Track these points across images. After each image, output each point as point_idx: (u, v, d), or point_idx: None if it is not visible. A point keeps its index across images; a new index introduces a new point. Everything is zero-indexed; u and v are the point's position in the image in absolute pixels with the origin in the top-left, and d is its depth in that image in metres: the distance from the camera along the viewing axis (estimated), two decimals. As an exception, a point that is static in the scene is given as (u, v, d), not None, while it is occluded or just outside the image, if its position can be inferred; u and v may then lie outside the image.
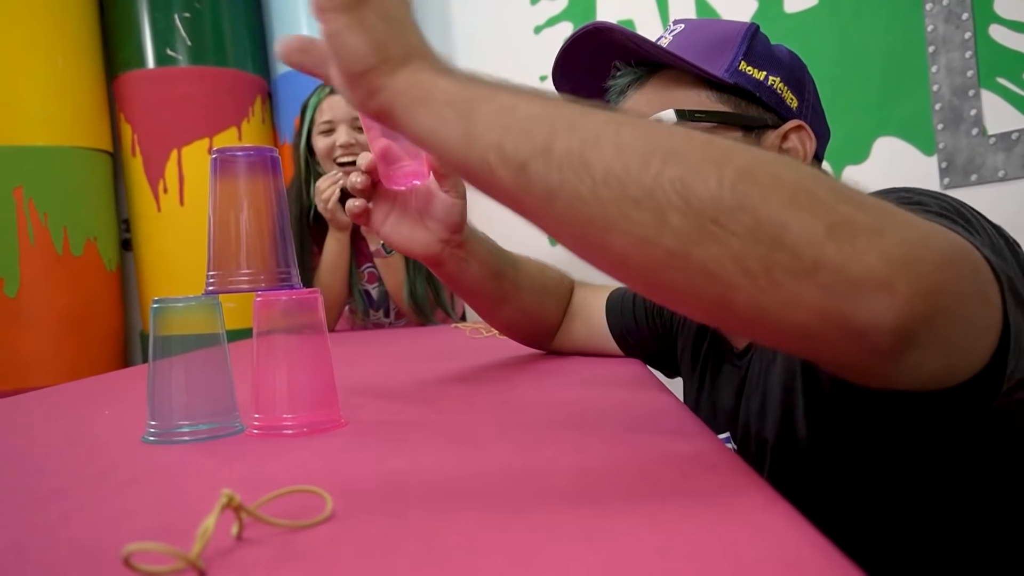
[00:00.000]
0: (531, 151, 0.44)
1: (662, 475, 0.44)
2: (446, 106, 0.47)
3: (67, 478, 0.54)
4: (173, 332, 0.67)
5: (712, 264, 0.40)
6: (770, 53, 0.81)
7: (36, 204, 2.23)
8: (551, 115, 0.45)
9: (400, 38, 0.50)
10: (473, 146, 0.46)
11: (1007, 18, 1.56)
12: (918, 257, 0.40)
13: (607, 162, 0.42)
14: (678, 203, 0.40)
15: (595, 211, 0.42)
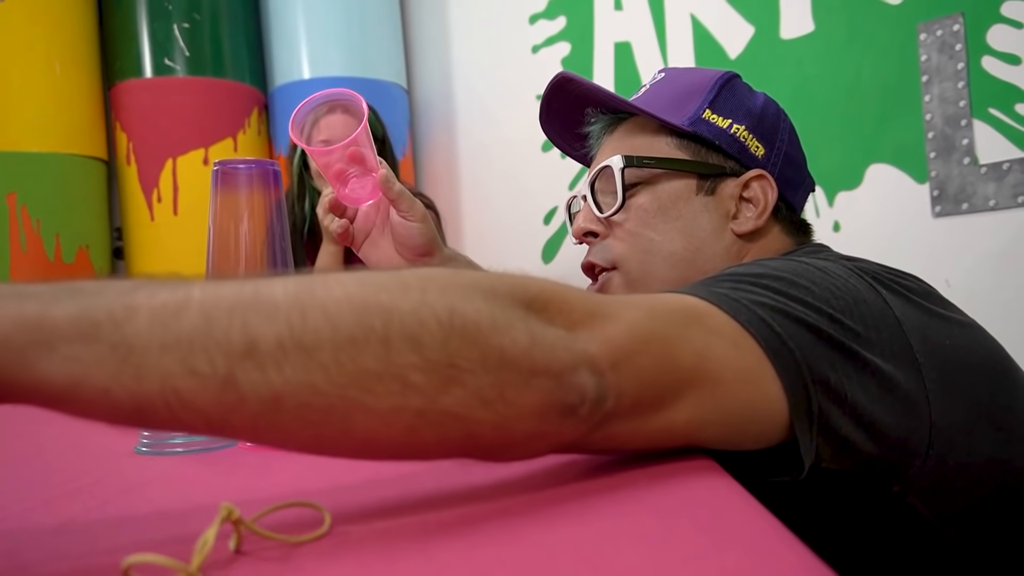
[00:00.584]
0: (231, 360, 0.35)
1: (658, 494, 0.44)
2: (83, 342, 0.34)
3: (61, 488, 0.53)
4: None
5: (457, 406, 0.38)
6: (740, 102, 0.81)
7: (29, 211, 2.22)
8: (227, 304, 0.36)
9: None
10: (147, 382, 0.34)
11: (999, 50, 1.58)
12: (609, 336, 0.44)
13: (328, 340, 0.36)
14: (416, 360, 0.37)
15: (334, 400, 0.37)
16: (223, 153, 2.45)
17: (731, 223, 0.80)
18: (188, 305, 0.35)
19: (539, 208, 2.48)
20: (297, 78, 2.55)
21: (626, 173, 0.79)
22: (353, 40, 2.55)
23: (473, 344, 0.39)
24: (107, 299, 0.35)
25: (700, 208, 0.80)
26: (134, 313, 0.34)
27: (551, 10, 2.44)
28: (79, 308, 0.34)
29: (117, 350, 0.34)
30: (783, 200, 0.81)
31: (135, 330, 0.34)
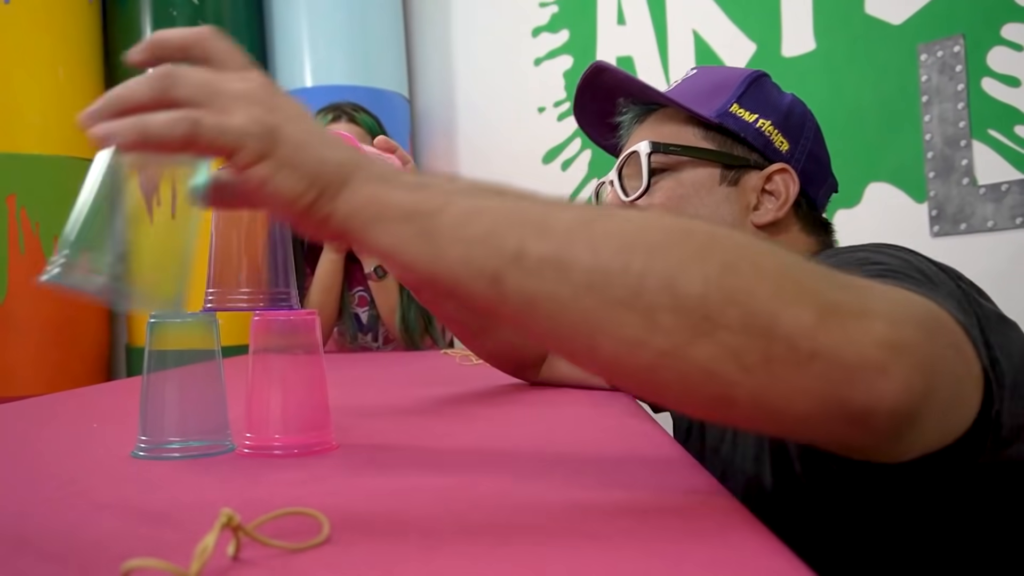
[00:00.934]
0: (502, 262, 0.42)
1: (653, 508, 0.44)
2: (403, 222, 0.44)
3: (58, 491, 0.53)
4: (169, 347, 0.67)
5: (708, 361, 0.39)
6: (767, 99, 0.84)
7: (28, 213, 2.22)
8: (517, 219, 0.43)
9: (327, 161, 0.46)
10: (438, 261, 0.43)
11: (999, 72, 1.59)
12: (905, 336, 0.41)
13: (586, 264, 0.40)
14: (667, 303, 0.39)
15: (579, 316, 0.41)
16: (224, 159, 2.46)
17: (751, 215, 0.81)
18: (484, 212, 0.43)
19: (538, 220, 2.48)
20: (300, 86, 2.55)
21: (652, 159, 0.81)
22: (356, 49, 2.56)
23: (738, 305, 0.39)
24: (430, 194, 0.44)
25: (722, 198, 0.81)
26: (444, 210, 0.43)
27: (554, 23, 2.45)
28: (411, 199, 0.44)
29: (424, 235, 0.43)
30: (805, 196, 0.83)
31: (440, 224, 0.43)
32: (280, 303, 0.70)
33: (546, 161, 2.45)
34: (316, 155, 0.45)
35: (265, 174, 0.45)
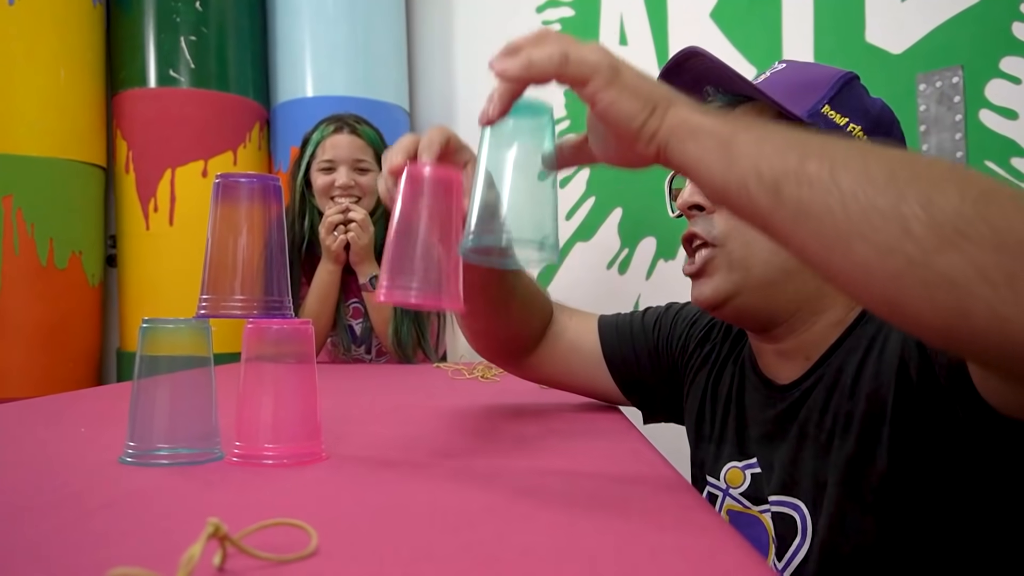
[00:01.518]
0: (784, 172, 0.49)
1: (646, 530, 0.44)
2: (710, 137, 0.54)
3: (44, 496, 0.53)
4: (161, 352, 0.67)
5: (953, 271, 0.42)
6: (859, 103, 0.82)
7: (24, 214, 2.22)
8: (802, 142, 0.50)
9: (656, 88, 0.57)
10: (732, 169, 0.52)
11: (997, 104, 1.60)
12: None
13: (855, 179, 0.46)
14: (921, 214, 0.43)
15: (841, 222, 0.46)
16: (223, 166, 2.46)
17: None
18: (773, 136, 0.51)
19: (535, 237, 2.48)
20: (300, 95, 2.55)
21: None
22: (357, 60, 2.57)
23: (989, 222, 0.42)
24: (731, 122, 0.54)
25: None
26: (744, 130, 0.53)
27: (556, 42, 2.46)
28: (718, 122, 0.54)
29: (725, 146, 0.53)
30: None
31: (739, 140, 0.52)
32: (274, 311, 0.70)
33: (541, 178, 2.45)
34: (648, 85, 0.57)
35: (613, 97, 0.56)
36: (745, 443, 0.88)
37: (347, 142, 1.92)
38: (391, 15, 2.70)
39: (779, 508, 0.82)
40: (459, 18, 2.79)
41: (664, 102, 0.56)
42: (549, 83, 0.58)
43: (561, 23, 2.44)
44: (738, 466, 0.88)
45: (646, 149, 0.57)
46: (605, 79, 0.56)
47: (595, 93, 0.56)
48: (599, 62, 0.56)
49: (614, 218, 2.29)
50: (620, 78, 0.56)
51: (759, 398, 0.87)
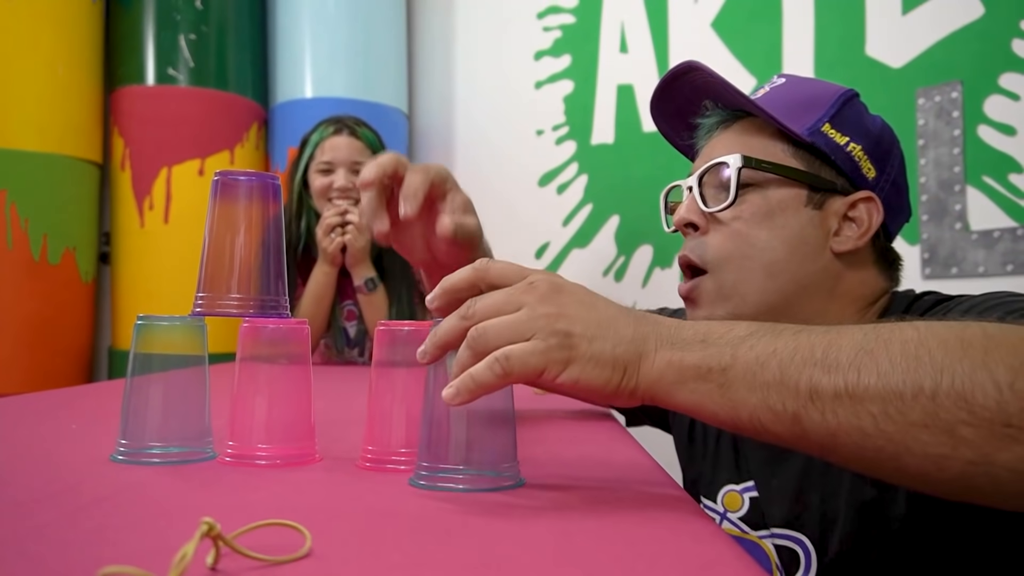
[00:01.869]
0: (797, 403, 0.46)
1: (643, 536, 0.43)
2: (701, 381, 0.49)
3: (34, 492, 0.52)
4: (155, 350, 0.66)
5: (1019, 463, 0.41)
6: (859, 121, 0.81)
7: (18, 209, 2.20)
8: (801, 358, 0.47)
9: (620, 342, 0.51)
10: (739, 411, 0.48)
11: (996, 120, 1.61)
12: None
13: (879, 394, 0.44)
14: (965, 417, 0.42)
15: (882, 443, 0.44)
16: (219, 165, 2.45)
17: (832, 241, 0.79)
18: (771, 358, 0.48)
19: (532, 241, 2.48)
20: (299, 96, 2.55)
21: (743, 173, 0.78)
22: (357, 62, 2.57)
23: None
24: (718, 350, 0.49)
25: (806, 220, 0.78)
26: (735, 362, 0.49)
27: (557, 48, 2.46)
28: (702, 356, 0.50)
29: (722, 389, 0.49)
30: (883, 227, 0.80)
31: (734, 377, 0.48)
32: (271, 310, 0.69)
33: (542, 184, 2.45)
34: (609, 344, 0.51)
35: (574, 377, 0.51)
36: (741, 465, 0.86)
37: (346, 144, 1.92)
38: (392, 18, 2.70)
39: (782, 541, 0.80)
40: (459, 22, 2.79)
41: (635, 357, 0.51)
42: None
43: (562, 29, 2.45)
44: (736, 489, 0.86)
45: (630, 403, 0.53)
46: (560, 363, 0.51)
47: (553, 381, 0.51)
48: (545, 348, 0.50)
49: (611, 226, 2.29)
50: (576, 352, 0.51)
51: None
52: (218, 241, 0.69)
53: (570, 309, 0.52)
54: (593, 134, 2.35)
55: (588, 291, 0.55)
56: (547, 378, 0.51)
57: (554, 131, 2.44)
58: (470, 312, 0.52)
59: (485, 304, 0.52)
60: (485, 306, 0.52)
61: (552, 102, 2.44)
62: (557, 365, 0.50)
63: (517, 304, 0.52)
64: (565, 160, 2.41)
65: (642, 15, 2.26)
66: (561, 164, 2.42)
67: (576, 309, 0.52)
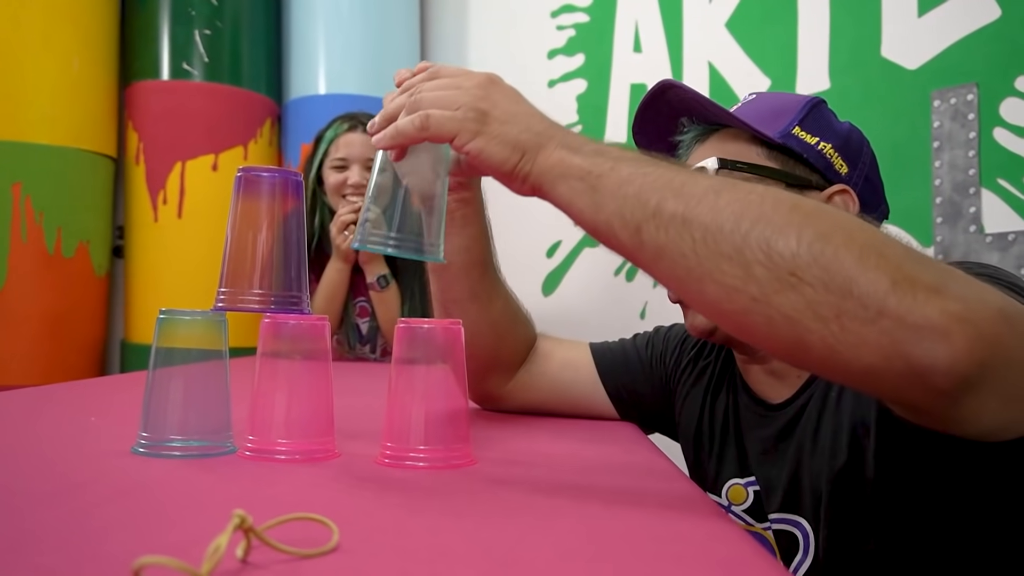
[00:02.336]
0: (643, 216, 0.53)
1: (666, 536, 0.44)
2: (578, 180, 0.57)
3: (59, 483, 0.53)
4: (176, 344, 0.67)
5: (790, 310, 0.47)
6: (828, 124, 0.86)
7: (33, 202, 2.22)
8: (661, 183, 0.53)
9: (527, 131, 0.61)
10: (599, 212, 0.56)
11: (1011, 123, 1.60)
12: (974, 311, 0.45)
13: (705, 223, 0.51)
14: (762, 259, 0.48)
15: (694, 265, 0.51)
16: (233, 160, 2.46)
17: None
18: (638, 176, 0.55)
19: (543, 241, 2.48)
20: (312, 92, 2.56)
21: (719, 174, 0.82)
22: (371, 59, 2.57)
23: (822, 267, 0.46)
24: (603, 160, 0.57)
25: None
26: (609, 173, 0.56)
27: (570, 47, 2.46)
28: (587, 163, 0.57)
29: (592, 191, 0.56)
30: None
31: (605, 183, 0.56)
32: (292, 306, 0.70)
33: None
34: (517, 129, 0.61)
35: (480, 146, 0.61)
36: (745, 461, 0.88)
37: (360, 140, 1.92)
38: (405, 15, 2.70)
39: (780, 526, 0.82)
40: (472, 19, 2.79)
41: (534, 146, 0.60)
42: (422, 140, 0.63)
43: (575, 28, 2.45)
44: (740, 483, 0.88)
45: (521, 189, 0.62)
46: (470, 132, 0.61)
47: (462, 147, 0.61)
48: (462, 118, 0.61)
49: (622, 225, 2.29)
50: (487, 128, 0.61)
51: (753, 418, 0.88)
52: (240, 237, 0.70)
53: (496, 95, 0.63)
54: (607, 133, 2.34)
55: (519, 94, 0.65)
56: (457, 144, 0.61)
57: (567, 130, 2.44)
58: (415, 88, 0.64)
59: (429, 84, 0.65)
60: (429, 86, 0.64)
61: (565, 101, 2.44)
62: (468, 135, 0.61)
63: (455, 85, 0.63)
64: (577, 159, 2.41)
65: (656, 15, 2.26)
66: (573, 163, 2.42)
67: (501, 97, 0.63)
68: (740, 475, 0.88)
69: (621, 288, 2.27)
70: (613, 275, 2.30)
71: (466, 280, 0.89)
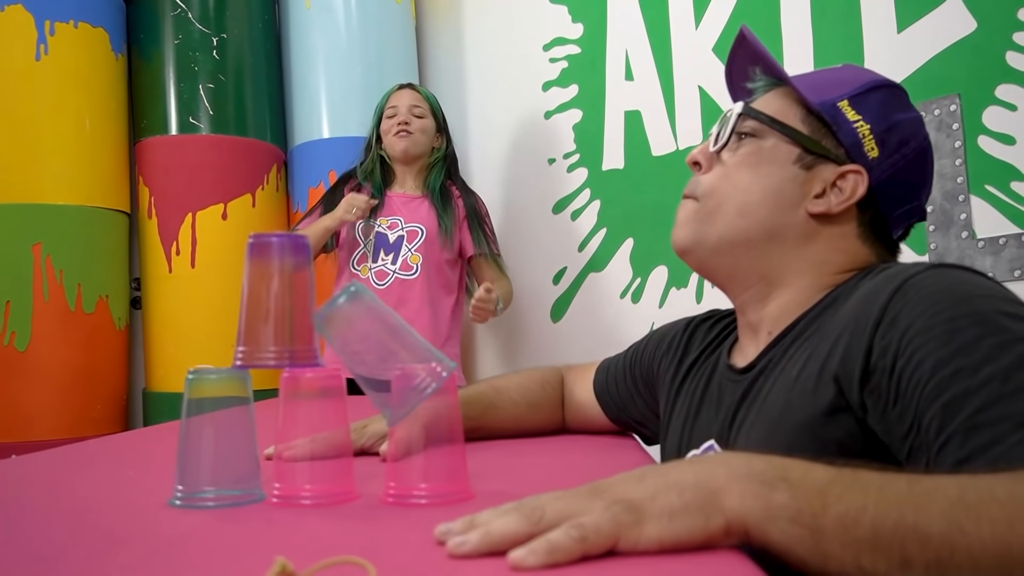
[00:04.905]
0: (889, 567, 0.47)
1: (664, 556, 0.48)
2: (792, 524, 0.48)
3: (104, 540, 0.57)
4: (205, 396, 0.72)
5: None
6: (881, 107, 0.84)
7: (53, 261, 2.29)
8: (894, 521, 0.48)
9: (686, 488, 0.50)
10: (830, 563, 0.48)
11: (995, 130, 1.64)
12: None
13: (967, 568, 0.46)
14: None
15: None
16: (242, 208, 2.52)
17: (809, 201, 0.83)
18: (863, 517, 0.48)
19: (549, 268, 2.53)
20: (316, 137, 2.63)
21: (740, 120, 0.86)
22: (371, 102, 2.63)
23: None
24: (806, 494, 0.49)
25: (790, 176, 0.84)
26: (825, 511, 0.48)
27: (564, 78, 2.53)
28: (791, 497, 0.49)
29: (815, 537, 0.48)
30: (876, 209, 0.84)
31: (825, 526, 0.48)
32: (304, 360, 0.75)
33: (556, 211, 2.51)
34: (675, 493, 0.49)
35: (655, 535, 0.48)
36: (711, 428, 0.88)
37: (407, 93, 2.33)
38: (403, 56, 2.77)
39: None
40: (469, 57, 2.86)
41: (708, 497, 0.49)
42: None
43: (568, 60, 2.51)
44: (696, 453, 0.88)
45: (728, 542, 0.50)
46: (633, 528, 0.48)
47: (636, 546, 0.48)
48: (612, 516, 0.48)
49: (626, 248, 2.33)
50: (645, 515, 0.48)
51: (727, 384, 0.88)
52: (254, 297, 0.75)
53: (618, 487, 0.51)
54: (604, 160, 2.40)
55: (631, 471, 0.54)
56: (625, 545, 0.48)
57: (565, 159, 2.49)
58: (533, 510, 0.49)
59: (543, 501, 0.51)
60: (545, 503, 0.50)
61: (562, 131, 2.50)
62: (630, 528, 0.48)
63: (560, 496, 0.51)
64: (578, 187, 2.46)
65: (645, 43, 2.32)
66: (574, 191, 2.47)
67: (625, 485, 0.51)
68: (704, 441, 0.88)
69: (628, 310, 2.32)
70: (619, 297, 2.35)
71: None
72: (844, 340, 0.71)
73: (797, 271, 0.84)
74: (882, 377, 0.66)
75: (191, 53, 2.53)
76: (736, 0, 2.10)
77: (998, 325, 0.62)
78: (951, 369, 0.61)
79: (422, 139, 2.30)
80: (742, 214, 0.84)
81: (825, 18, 1.92)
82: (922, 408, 0.62)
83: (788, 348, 0.81)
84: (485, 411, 1.07)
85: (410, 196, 2.30)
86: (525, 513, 0.49)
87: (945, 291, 0.66)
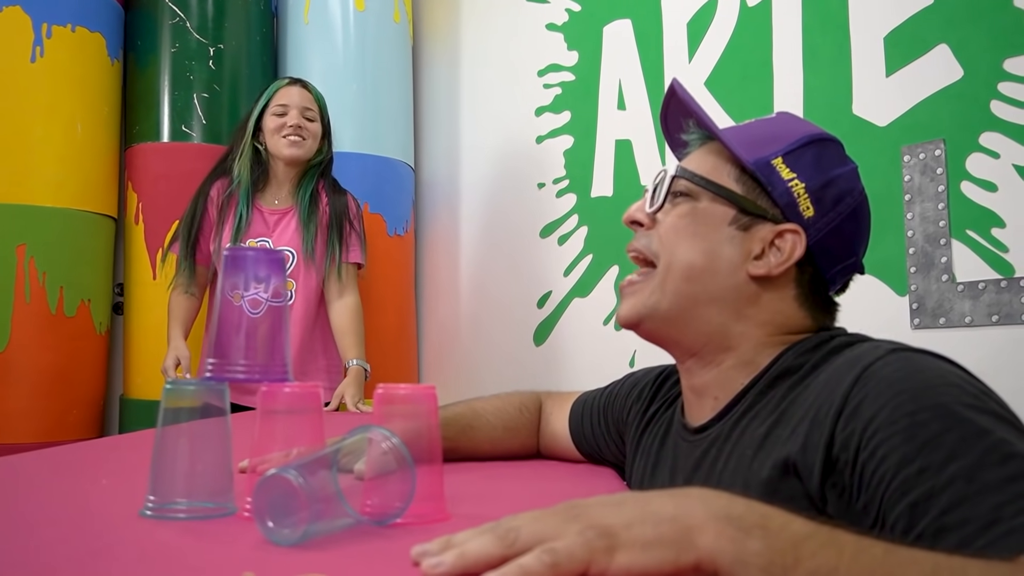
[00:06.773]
0: None
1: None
2: (762, 572, 0.47)
3: (77, 549, 0.57)
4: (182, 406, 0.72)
5: None
6: (817, 163, 0.83)
7: (37, 263, 2.27)
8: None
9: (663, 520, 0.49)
10: None
11: (978, 176, 1.67)
12: None
13: None
14: None
15: None
16: (230, 218, 2.52)
17: (750, 263, 0.82)
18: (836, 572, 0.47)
19: (534, 292, 2.54)
20: (308, 151, 2.63)
21: (675, 182, 0.85)
22: (366, 118, 2.65)
23: None
24: (780, 545, 0.47)
25: (726, 238, 0.83)
26: (797, 565, 0.47)
27: (557, 105, 2.55)
28: (765, 546, 0.47)
29: None
30: (814, 267, 0.83)
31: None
32: (275, 375, 0.75)
33: (544, 235, 2.52)
34: (650, 525, 0.48)
35: (625, 564, 0.47)
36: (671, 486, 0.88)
37: (299, 92, 2.22)
38: (399, 75, 2.79)
39: None
40: (464, 79, 2.88)
41: (683, 532, 0.48)
42: None
43: (562, 87, 2.53)
44: None
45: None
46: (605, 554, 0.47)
47: (606, 571, 0.47)
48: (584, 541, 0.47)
49: (611, 275, 2.35)
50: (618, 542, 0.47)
51: (681, 444, 0.88)
52: (225, 310, 0.76)
53: (596, 511, 0.50)
54: (593, 187, 2.42)
55: (611, 495, 0.53)
56: (595, 570, 0.46)
57: (555, 184, 2.51)
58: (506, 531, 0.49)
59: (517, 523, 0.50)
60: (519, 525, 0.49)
61: (553, 156, 2.52)
62: (602, 554, 0.47)
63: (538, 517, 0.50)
64: (566, 212, 2.48)
65: (638, 74, 2.34)
66: (562, 216, 2.49)
67: (603, 509, 0.50)
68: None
69: (610, 336, 2.32)
70: (602, 324, 2.36)
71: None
72: (804, 428, 0.71)
73: (740, 335, 0.83)
74: (844, 469, 0.66)
75: (187, 62, 2.54)
76: (730, 37, 2.13)
77: (960, 417, 0.62)
78: (916, 468, 0.60)
79: (313, 146, 2.20)
80: (688, 279, 0.83)
81: (816, 59, 1.95)
82: (887, 506, 0.61)
83: (740, 419, 0.80)
84: (462, 432, 1.07)
85: (280, 212, 2.18)
86: (500, 535, 0.48)
87: (906, 380, 0.66)
